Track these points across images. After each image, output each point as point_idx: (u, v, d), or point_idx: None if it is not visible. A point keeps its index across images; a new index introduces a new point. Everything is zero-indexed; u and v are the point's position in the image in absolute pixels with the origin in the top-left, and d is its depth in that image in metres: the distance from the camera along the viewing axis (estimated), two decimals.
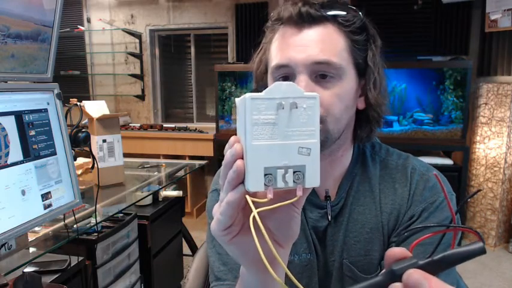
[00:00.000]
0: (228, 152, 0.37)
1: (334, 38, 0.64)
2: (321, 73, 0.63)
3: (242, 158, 0.37)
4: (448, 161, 3.24)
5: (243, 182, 0.37)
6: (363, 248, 0.70)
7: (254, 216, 0.35)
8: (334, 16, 0.64)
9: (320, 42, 0.62)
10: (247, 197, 0.37)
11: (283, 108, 0.37)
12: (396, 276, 0.33)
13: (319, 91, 0.62)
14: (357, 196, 0.72)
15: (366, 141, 0.74)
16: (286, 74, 0.64)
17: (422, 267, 0.32)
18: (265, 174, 0.36)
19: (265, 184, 0.36)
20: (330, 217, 0.71)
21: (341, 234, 0.71)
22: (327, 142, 0.65)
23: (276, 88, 0.37)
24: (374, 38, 0.68)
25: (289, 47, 0.64)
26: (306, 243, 0.72)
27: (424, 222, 0.66)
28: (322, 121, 0.63)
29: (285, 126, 0.36)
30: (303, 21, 0.64)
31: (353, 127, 0.72)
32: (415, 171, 0.72)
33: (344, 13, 0.65)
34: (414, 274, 0.31)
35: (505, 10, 3.02)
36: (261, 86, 0.73)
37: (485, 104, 3.16)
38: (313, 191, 0.72)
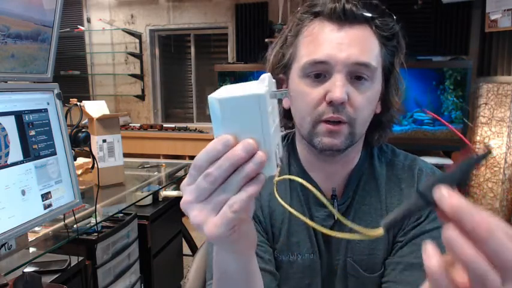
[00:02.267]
0: (241, 149, 0.36)
1: (371, 41, 0.63)
2: (357, 75, 0.62)
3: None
4: (448, 161, 3.24)
5: None
6: (367, 247, 0.70)
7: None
8: (373, 18, 0.64)
9: (361, 43, 0.62)
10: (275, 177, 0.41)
11: (275, 98, 0.41)
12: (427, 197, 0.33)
13: (353, 93, 0.62)
14: (363, 195, 0.72)
15: (376, 144, 0.74)
16: (321, 71, 0.62)
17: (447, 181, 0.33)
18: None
19: (277, 165, 0.40)
20: (336, 216, 0.71)
21: (346, 232, 0.71)
22: (351, 146, 0.65)
23: (268, 80, 0.40)
24: (401, 46, 0.68)
25: (328, 43, 0.62)
26: (309, 243, 0.72)
27: (432, 223, 0.66)
28: (351, 125, 0.63)
29: (271, 114, 0.40)
30: (345, 18, 0.62)
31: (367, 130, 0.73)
32: (422, 172, 0.72)
33: (382, 17, 0.65)
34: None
35: (505, 10, 3.02)
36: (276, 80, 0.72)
37: (485, 104, 3.16)
38: (319, 190, 0.72)
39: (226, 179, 0.37)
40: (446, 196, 0.30)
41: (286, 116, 0.73)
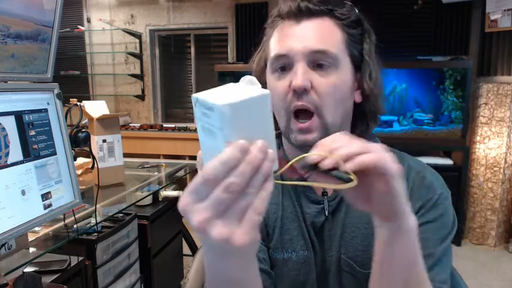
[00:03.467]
0: (258, 151, 0.36)
1: (331, 30, 0.67)
2: (318, 62, 0.65)
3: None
4: (448, 161, 3.25)
5: None
6: (360, 243, 0.70)
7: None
8: (331, 10, 0.67)
9: (317, 33, 0.66)
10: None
11: None
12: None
13: (316, 78, 0.65)
14: None
15: (363, 137, 0.74)
16: (285, 63, 0.67)
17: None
18: None
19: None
20: (327, 212, 0.72)
21: (338, 229, 0.72)
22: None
23: (254, 80, 0.42)
24: (369, 33, 0.71)
25: (288, 37, 0.67)
26: (302, 240, 0.72)
27: (420, 218, 0.66)
28: (320, 115, 0.65)
29: None
30: (302, 14, 0.67)
31: (351, 123, 0.74)
32: (411, 169, 0.72)
33: (340, 7, 0.68)
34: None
35: (505, 10, 3.02)
36: (260, 83, 0.75)
37: (485, 104, 3.16)
38: (309, 187, 0.73)
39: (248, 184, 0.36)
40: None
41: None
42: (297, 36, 0.66)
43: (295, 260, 0.72)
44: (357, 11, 0.70)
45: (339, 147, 0.45)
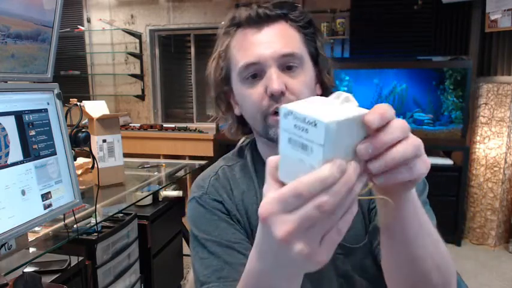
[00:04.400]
0: (353, 172, 0.35)
1: (290, 33, 0.71)
2: (288, 65, 0.69)
3: None
4: (448, 161, 3.25)
5: None
6: None
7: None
8: (286, 14, 0.72)
9: (281, 37, 0.70)
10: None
11: None
12: None
13: (288, 80, 0.68)
14: None
15: None
16: (256, 71, 0.70)
17: None
18: None
19: None
20: None
21: None
22: None
23: (347, 96, 0.41)
24: (319, 31, 0.77)
25: (254, 45, 0.69)
26: None
27: None
28: None
29: None
30: (261, 21, 0.70)
31: None
32: None
33: (294, 10, 0.73)
34: None
35: (505, 10, 3.02)
36: (220, 93, 0.79)
37: (485, 104, 3.16)
38: None
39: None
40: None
41: (241, 122, 0.79)
42: (263, 43, 0.69)
43: None
44: (307, 12, 0.75)
45: (394, 138, 0.37)
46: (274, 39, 0.69)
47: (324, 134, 0.35)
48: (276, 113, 0.68)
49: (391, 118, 0.37)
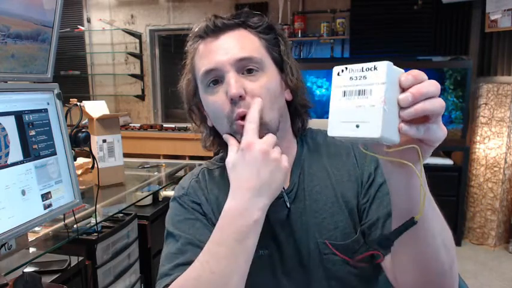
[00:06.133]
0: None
1: (249, 38, 0.73)
2: (247, 68, 0.70)
3: None
4: (448, 161, 3.25)
5: None
6: (331, 222, 0.73)
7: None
8: (244, 21, 0.74)
9: (238, 42, 0.71)
10: None
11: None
12: None
13: (248, 84, 0.69)
14: (310, 178, 0.77)
15: (302, 131, 0.81)
16: (216, 77, 0.71)
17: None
18: None
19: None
20: (288, 204, 0.74)
21: (305, 217, 0.74)
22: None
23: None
24: (282, 36, 0.77)
25: (212, 52, 0.72)
26: (263, 239, 0.68)
27: (381, 176, 0.73)
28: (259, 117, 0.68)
29: None
30: (219, 30, 0.73)
31: (290, 122, 0.79)
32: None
33: (251, 17, 0.75)
34: None
35: (505, 10, 3.02)
36: (192, 105, 0.83)
37: (485, 104, 3.16)
38: None
39: None
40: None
41: (215, 134, 0.80)
42: (220, 49, 0.71)
43: (257, 260, 0.68)
44: (266, 18, 0.77)
45: (430, 91, 0.44)
46: (231, 45, 0.71)
47: (386, 71, 0.42)
48: (241, 118, 0.68)
49: (425, 79, 0.44)
